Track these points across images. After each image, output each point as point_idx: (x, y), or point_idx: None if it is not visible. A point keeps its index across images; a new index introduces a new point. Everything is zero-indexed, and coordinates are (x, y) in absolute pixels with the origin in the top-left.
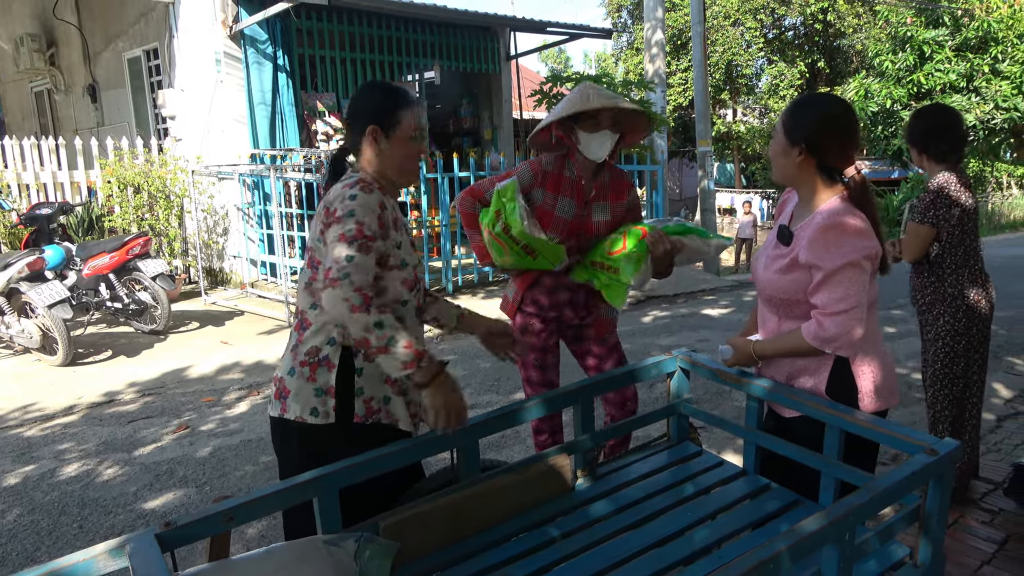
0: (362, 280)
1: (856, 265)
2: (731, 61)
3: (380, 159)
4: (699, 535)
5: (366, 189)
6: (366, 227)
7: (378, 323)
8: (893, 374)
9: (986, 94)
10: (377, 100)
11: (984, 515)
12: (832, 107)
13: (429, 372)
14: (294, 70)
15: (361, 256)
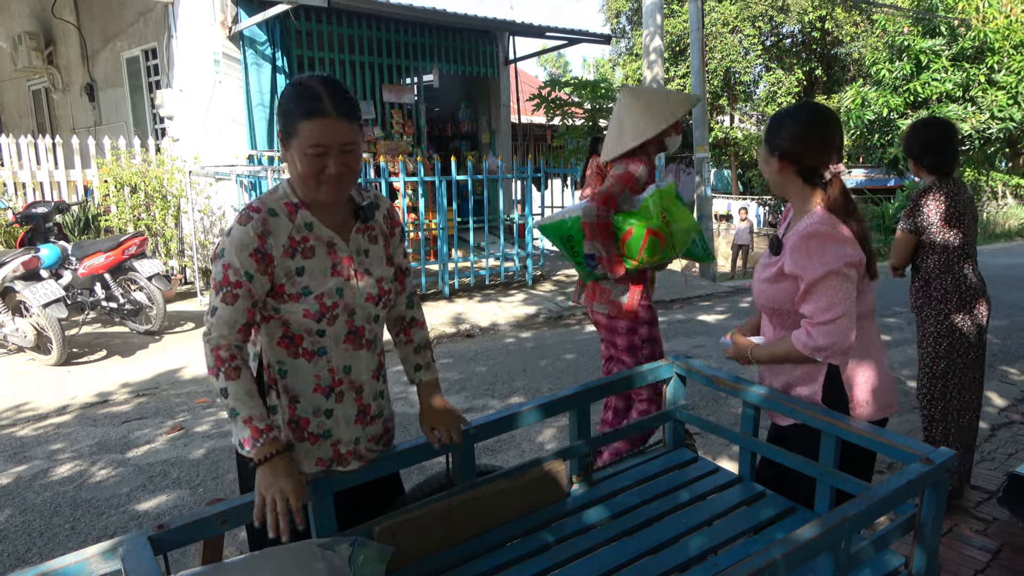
0: (220, 337)
1: (838, 273)
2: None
3: (290, 167)
4: (694, 542)
5: (243, 219)
6: (232, 270)
7: (223, 390)
8: (889, 382)
9: (982, 104)
10: (283, 100)
11: (978, 524)
12: (804, 114)
13: (264, 452)
14: (293, 72)
15: (223, 308)
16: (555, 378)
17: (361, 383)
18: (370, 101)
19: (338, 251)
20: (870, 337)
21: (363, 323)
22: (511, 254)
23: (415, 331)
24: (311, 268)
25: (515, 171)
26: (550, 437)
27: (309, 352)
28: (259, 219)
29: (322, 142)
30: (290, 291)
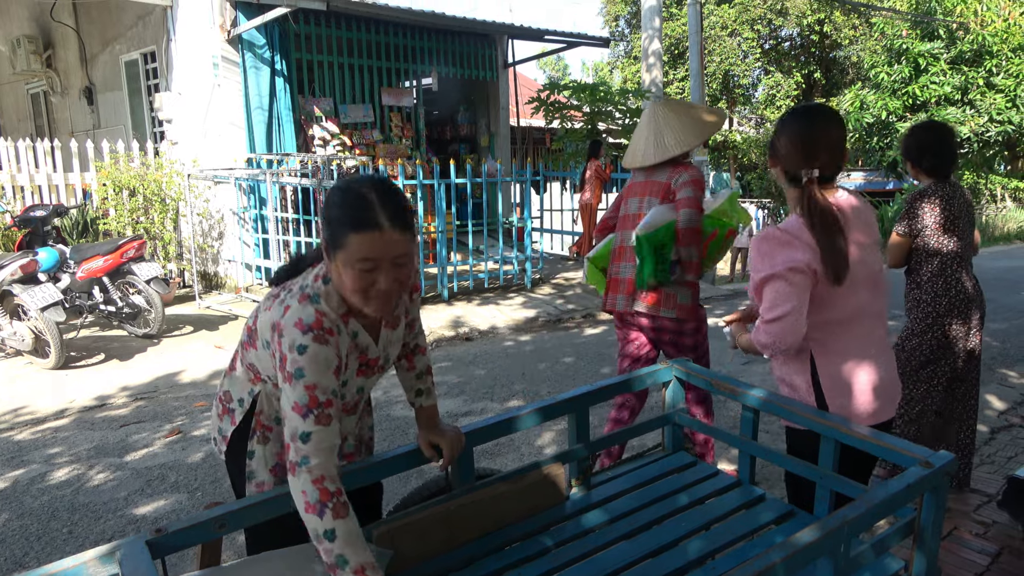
0: (322, 466)
1: (780, 277)
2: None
3: (336, 279)
4: (693, 546)
5: (321, 339)
6: (320, 390)
7: (329, 531)
8: (878, 389)
9: (980, 107)
10: (329, 206)
11: (978, 527)
12: (794, 117)
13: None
14: (292, 75)
15: (320, 431)
16: (554, 381)
17: (346, 433)
18: (369, 104)
19: (369, 353)
20: (849, 342)
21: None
22: (510, 257)
23: (417, 358)
24: (349, 376)
25: (514, 174)
26: (549, 441)
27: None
28: (335, 340)
29: (373, 256)
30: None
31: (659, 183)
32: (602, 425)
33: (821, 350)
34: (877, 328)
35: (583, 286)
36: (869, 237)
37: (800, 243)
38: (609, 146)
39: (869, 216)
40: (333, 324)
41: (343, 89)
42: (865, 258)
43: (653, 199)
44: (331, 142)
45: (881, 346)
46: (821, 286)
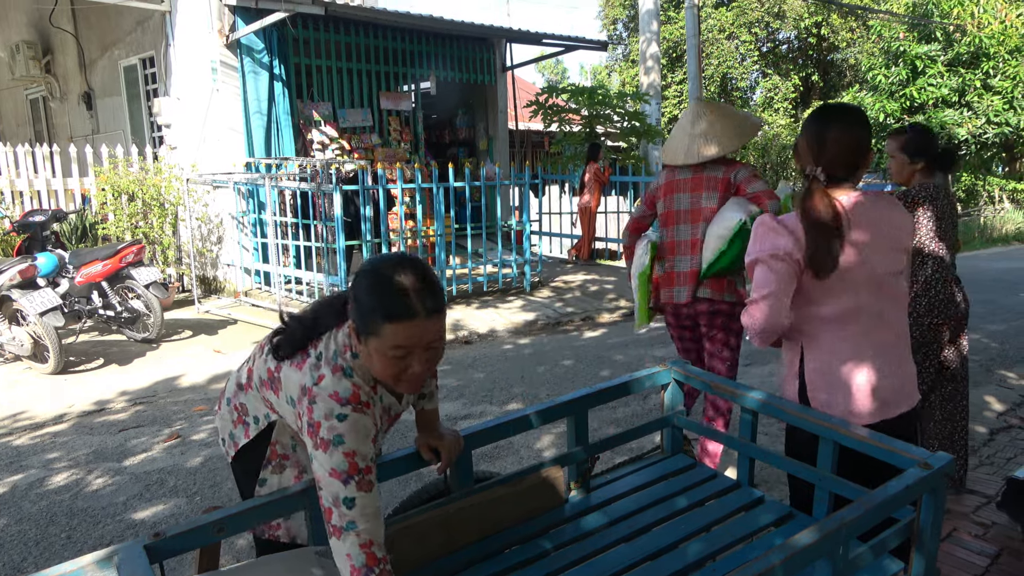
0: (370, 531)
1: (762, 261)
2: (726, 74)
3: (366, 360)
4: (692, 548)
5: (360, 410)
6: (359, 457)
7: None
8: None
9: (978, 109)
10: (360, 291)
11: (977, 529)
12: (812, 117)
13: None
14: (290, 79)
15: (364, 497)
16: (553, 384)
17: None
18: (367, 109)
19: (392, 413)
20: (840, 340)
21: None
22: (509, 260)
23: None
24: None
25: (513, 177)
26: (548, 444)
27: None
28: (371, 412)
29: (408, 344)
30: None
31: (715, 178)
32: (602, 428)
33: (810, 343)
34: (878, 330)
35: (583, 289)
36: (881, 240)
37: (786, 232)
38: (608, 149)
39: (891, 220)
40: (368, 397)
41: (342, 93)
42: (868, 259)
43: (712, 193)
44: (330, 146)
45: (880, 348)
46: (811, 280)
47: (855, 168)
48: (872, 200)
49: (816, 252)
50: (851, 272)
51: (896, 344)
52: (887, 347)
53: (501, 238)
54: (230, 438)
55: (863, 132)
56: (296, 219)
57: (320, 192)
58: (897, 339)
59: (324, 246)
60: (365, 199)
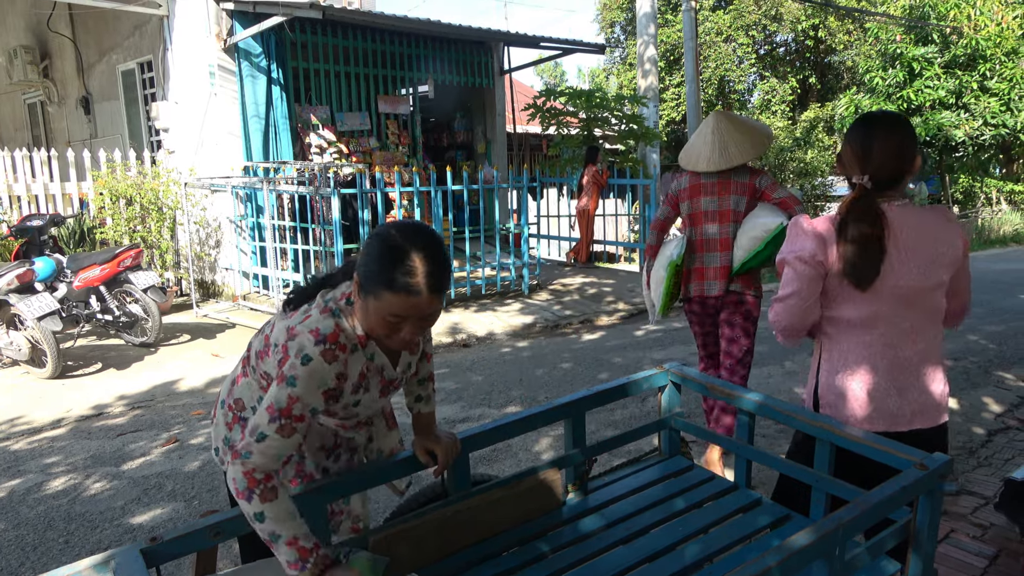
0: (263, 466)
1: (788, 262)
2: (723, 77)
3: (361, 312)
4: (690, 550)
5: (328, 356)
6: (300, 404)
7: (258, 514)
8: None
9: (975, 110)
10: (370, 256)
11: (975, 530)
12: (855, 125)
13: (315, 572)
14: (288, 83)
15: (276, 440)
16: (552, 387)
17: (356, 445)
18: (365, 112)
19: (386, 375)
20: (857, 346)
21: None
22: (507, 263)
23: (422, 364)
24: (366, 399)
25: (511, 181)
26: (547, 446)
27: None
28: (343, 359)
29: (404, 314)
30: (343, 415)
31: (742, 183)
32: (600, 430)
33: (828, 345)
34: (902, 343)
35: (581, 292)
36: (921, 253)
37: (814, 236)
38: (606, 152)
39: (936, 234)
40: (349, 342)
41: (340, 97)
42: (901, 271)
43: (740, 197)
44: (328, 150)
45: (898, 361)
46: (837, 283)
47: (902, 175)
48: (918, 211)
49: (858, 262)
50: (880, 281)
51: (922, 359)
52: (908, 360)
53: (499, 241)
54: (224, 444)
55: (909, 139)
56: (294, 223)
57: (318, 196)
58: (923, 354)
59: (322, 250)
60: (363, 203)
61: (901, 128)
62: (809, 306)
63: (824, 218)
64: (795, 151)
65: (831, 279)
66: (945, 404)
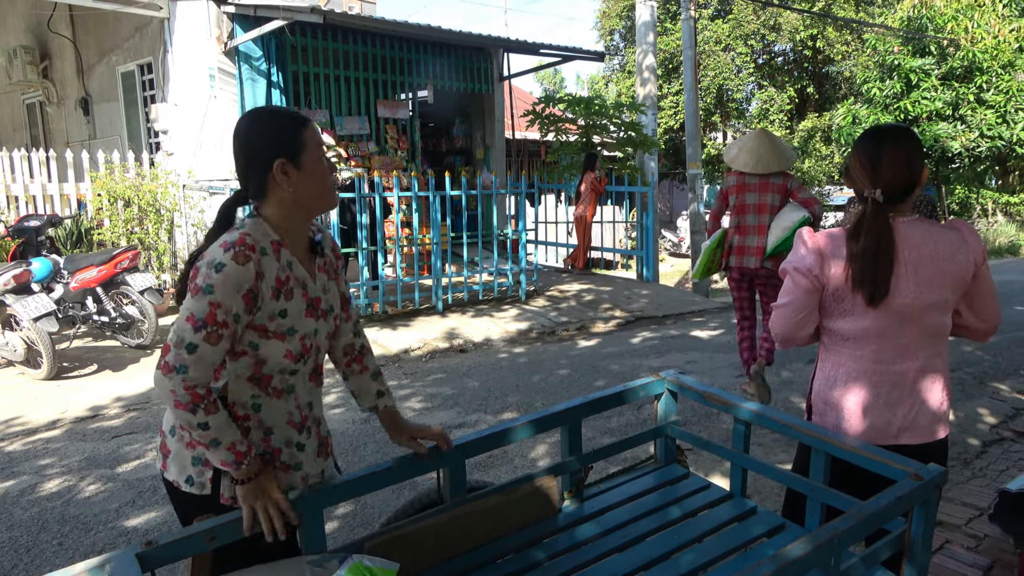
0: (199, 376)
1: (789, 272)
2: (722, 85)
3: (294, 197)
4: (685, 559)
5: (239, 259)
6: (221, 310)
7: (203, 424)
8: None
9: (971, 122)
10: (275, 127)
11: (970, 541)
12: (863, 139)
13: (249, 472)
14: (288, 87)
15: (205, 347)
16: (548, 393)
17: (320, 416)
18: (365, 116)
19: (309, 291)
20: (851, 358)
21: (322, 360)
22: (504, 269)
23: (367, 358)
24: (292, 310)
25: (509, 186)
26: (543, 453)
27: (279, 390)
28: (255, 260)
29: (325, 140)
30: (275, 330)
31: (778, 184)
32: (596, 437)
33: (824, 355)
34: (898, 359)
35: (578, 298)
36: (927, 272)
37: (814, 250)
38: (604, 159)
39: (945, 254)
40: (257, 244)
41: (339, 101)
42: (904, 288)
43: (776, 195)
44: (327, 153)
45: (892, 376)
46: (832, 297)
47: (912, 188)
48: (927, 228)
49: (868, 278)
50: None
51: (917, 375)
52: (902, 376)
53: (497, 247)
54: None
55: (916, 151)
56: None
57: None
58: (919, 371)
59: None
60: (362, 207)
61: (908, 140)
62: (803, 317)
63: (825, 233)
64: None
65: (828, 293)
66: (942, 421)
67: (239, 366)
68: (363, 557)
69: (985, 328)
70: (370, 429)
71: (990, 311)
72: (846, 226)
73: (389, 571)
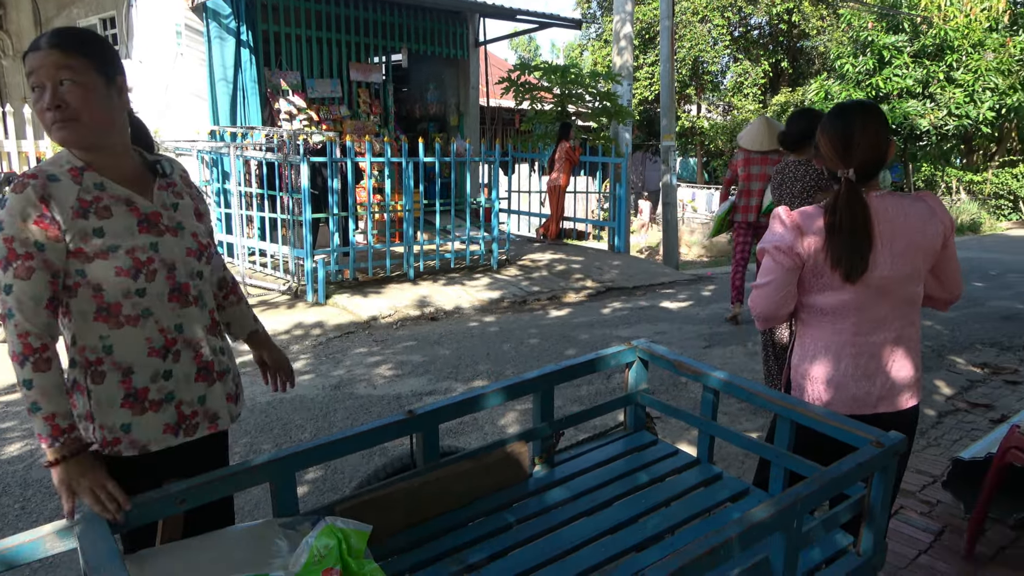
0: (27, 320)
1: (767, 251)
2: (698, 57)
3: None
4: (652, 522)
5: (17, 188)
6: (17, 243)
7: (27, 381)
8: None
9: (940, 100)
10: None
11: (923, 507)
12: (832, 117)
13: (62, 452)
14: (258, 46)
15: (20, 284)
16: (519, 362)
17: (197, 340)
18: (337, 79)
19: (140, 208)
20: (827, 332)
21: (187, 279)
22: (477, 238)
23: (238, 288)
24: (112, 228)
25: (483, 154)
26: (512, 420)
27: (133, 317)
28: (37, 184)
29: (33, 68)
30: (93, 251)
31: (773, 159)
32: (565, 406)
33: (802, 330)
34: (875, 331)
35: (549, 268)
36: (900, 244)
37: (792, 228)
38: (579, 129)
39: (917, 226)
40: (42, 172)
41: (311, 63)
42: (880, 262)
43: (770, 167)
44: (297, 116)
45: (868, 347)
46: (811, 273)
47: (882, 164)
48: (898, 200)
49: (846, 256)
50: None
51: (894, 346)
52: (879, 347)
53: (470, 215)
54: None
55: (883, 127)
56: (262, 190)
57: (287, 163)
58: (896, 342)
59: (290, 218)
60: (333, 171)
61: (875, 118)
62: (784, 295)
63: (801, 211)
64: None
65: (807, 269)
66: (915, 388)
67: (80, 302)
68: (335, 519)
69: (948, 298)
70: (340, 395)
71: (954, 280)
72: (821, 204)
73: (362, 533)
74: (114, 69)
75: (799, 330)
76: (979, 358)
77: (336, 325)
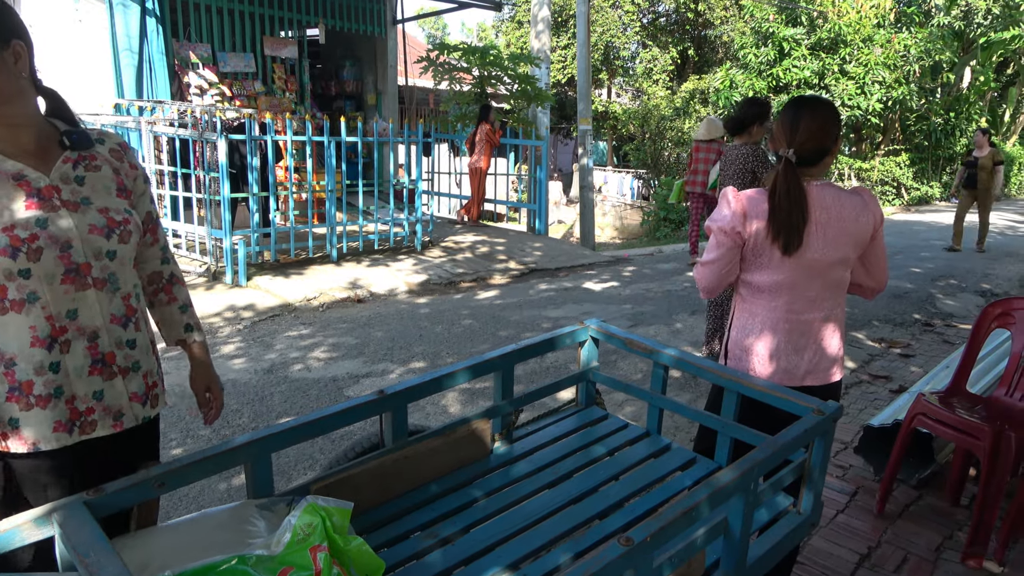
0: None
1: (712, 231)
2: (609, 43)
3: None
4: (611, 491)
5: None
6: None
7: None
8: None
9: (834, 91)
10: None
11: (837, 471)
12: (786, 106)
13: None
14: (164, 16)
15: None
16: (453, 343)
17: (95, 328)
18: (250, 54)
19: (32, 182)
20: (763, 309)
21: (88, 259)
22: (400, 219)
23: (176, 288)
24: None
25: (406, 134)
26: (452, 400)
27: (17, 302)
28: None
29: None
30: None
31: (715, 147)
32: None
33: (740, 305)
34: (806, 310)
35: (473, 250)
36: (834, 230)
37: (736, 209)
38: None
39: (851, 215)
40: None
41: (222, 35)
42: (815, 244)
43: (713, 153)
44: (209, 91)
45: (799, 325)
46: (752, 253)
47: (823, 153)
48: (836, 192)
49: (783, 227)
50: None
51: (821, 325)
52: (808, 325)
53: (393, 196)
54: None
55: (832, 121)
56: (174, 168)
57: (203, 140)
58: (823, 320)
59: (207, 197)
60: (252, 149)
61: (825, 110)
62: (727, 271)
63: (746, 193)
64: (674, 120)
65: (748, 248)
66: (838, 365)
67: None
68: (317, 498)
69: (874, 286)
70: (274, 379)
71: (880, 270)
72: (764, 187)
73: (344, 510)
74: (8, 31)
75: (738, 306)
76: (876, 333)
77: (261, 308)
